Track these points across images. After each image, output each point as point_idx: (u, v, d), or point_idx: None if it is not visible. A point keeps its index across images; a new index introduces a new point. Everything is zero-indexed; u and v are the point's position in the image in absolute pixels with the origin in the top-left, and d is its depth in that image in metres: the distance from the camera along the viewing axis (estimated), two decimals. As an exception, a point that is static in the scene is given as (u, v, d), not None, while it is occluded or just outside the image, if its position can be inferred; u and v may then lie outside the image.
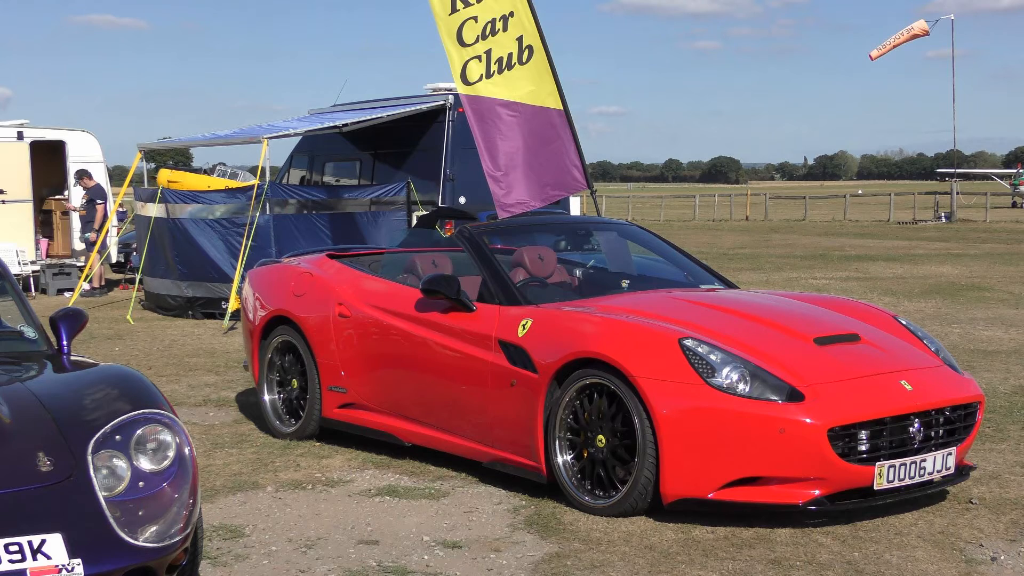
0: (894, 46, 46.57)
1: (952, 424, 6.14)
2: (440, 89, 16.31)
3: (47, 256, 19.97)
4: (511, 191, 10.86)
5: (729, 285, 7.78)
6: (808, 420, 5.67)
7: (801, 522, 5.84)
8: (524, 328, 6.55)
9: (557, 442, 6.27)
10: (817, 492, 5.72)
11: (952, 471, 6.12)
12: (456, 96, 15.65)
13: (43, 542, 3.93)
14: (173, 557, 4.20)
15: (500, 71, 10.71)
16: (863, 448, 5.78)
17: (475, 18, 10.70)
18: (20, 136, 19.71)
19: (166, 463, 4.40)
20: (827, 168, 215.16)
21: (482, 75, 10.74)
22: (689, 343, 5.95)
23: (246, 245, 14.10)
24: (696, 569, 5.27)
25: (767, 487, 5.75)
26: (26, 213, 19.65)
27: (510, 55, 10.74)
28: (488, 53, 10.71)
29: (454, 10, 10.74)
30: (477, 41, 10.75)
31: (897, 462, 5.83)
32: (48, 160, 20.10)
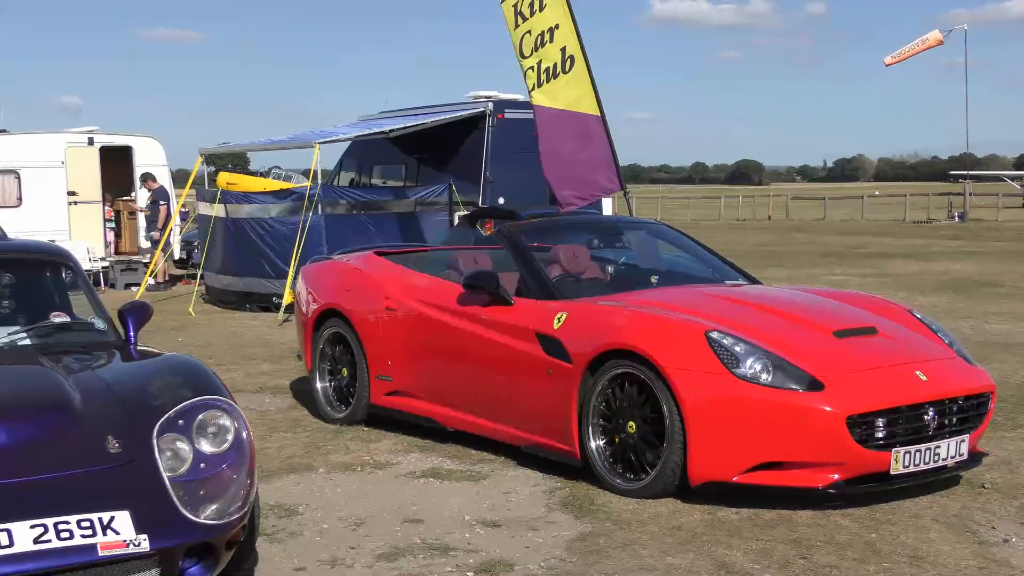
0: (909, 56, 46.03)
1: (965, 413, 6.08)
2: (481, 96, 16.31)
3: (115, 253, 20.14)
4: (564, 192, 10.94)
5: (752, 281, 7.74)
6: (828, 408, 5.63)
7: (821, 504, 5.80)
8: (559, 321, 6.54)
9: (590, 428, 6.26)
10: (836, 476, 5.68)
11: (965, 457, 6.06)
12: (495, 103, 15.68)
13: (112, 519, 3.95)
14: (232, 533, 4.22)
15: (548, 80, 10.80)
16: (880, 435, 5.74)
17: (530, 31, 10.80)
18: (91, 142, 19.87)
19: (225, 446, 4.42)
20: (845, 170, 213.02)
21: (534, 85, 10.82)
22: (715, 335, 5.93)
23: (299, 243, 14.15)
24: (721, 548, 5.24)
25: (789, 471, 5.72)
26: (96, 213, 19.83)
27: (555, 65, 10.81)
28: (539, 64, 10.81)
29: (517, 25, 10.88)
30: (532, 53, 10.85)
31: (912, 448, 5.79)
32: (116, 164, 20.25)
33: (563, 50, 10.84)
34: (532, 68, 10.83)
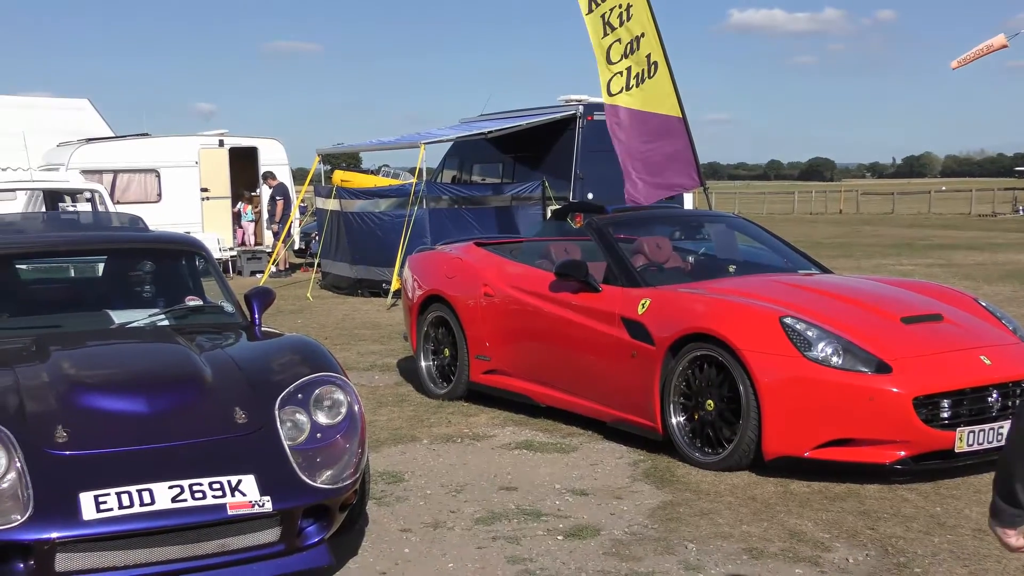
0: (974, 59, 44.59)
1: (1028, 395, 5.90)
2: (571, 100, 16.24)
3: (241, 243, 20.51)
4: (643, 186, 10.86)
5: (824, 270, 7.60)
6: (895, 390, 5.52)
7: (888, 479, 5.68)
8: (643, 307, 6.50)
9: (671, 405, 6.22)
10: (903, 453, 5.57)
11: (1028, 437, 5.88)
12: (585, 106, 15.60)
13: (239, 481, 4.03)
14: (345, 497, 4.27)
15: (637, 85, 10.73)
16: (945, 415, 5.61)
17: (619, 40, 10.75)
18: (221, 143, 20.21)
19: (339, 418, 4.48)
20: (914, 167, 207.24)
21: (622, 88, 10.78)
22: (789, 321, 5.84)
23: (406, 235, 14.25)
24: (793, 518, 5.17)
25: (857, 448, 5.62)
26: (225, 208, 20.19)
27: (642, 71, 10.75)
28: (628, 70, 10.77)
29: (605, 34, 10.83)
30: (620, 60, 10.80)
31: (976, 428, 5.64)
32: (243, 163, 20.59)
33: (648, 56, 10.78)
34: (620, 73, 10.79)
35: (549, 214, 15.04)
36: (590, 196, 15.07)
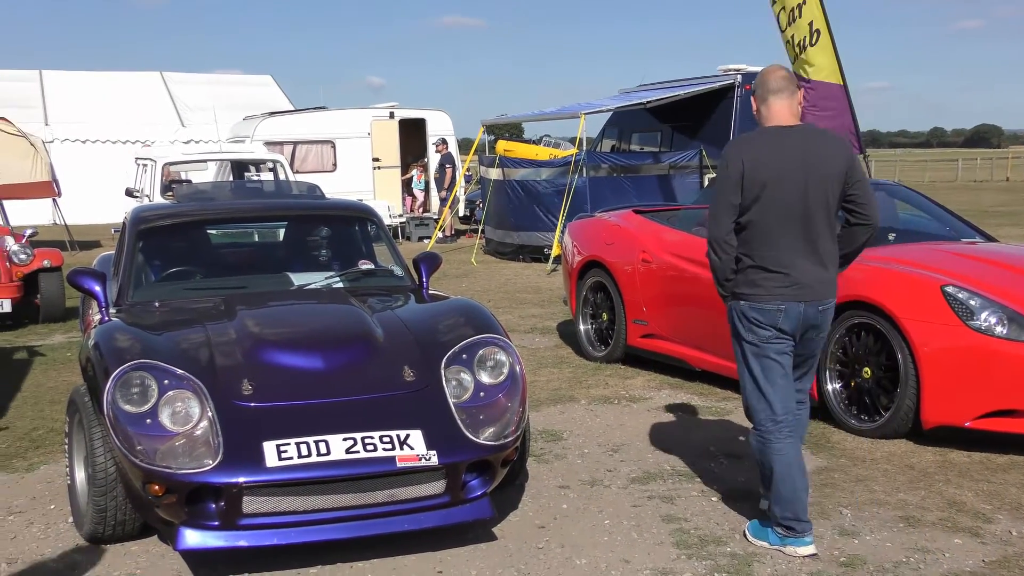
0: None
1: None
2: (730, 70, 15.88)
3: (411, 210, 20.90)
4: None
5: (988, 239, 7.23)
6: (1063, 361, 5.21)
7: (1053, 452, 5.40)
8: (800, 274, 6.31)
9: (828, 372, 6.05)
10: (1070, 426, 5.27)
11: None
12: (743, 75, 15.22)
13: (408, 436, 4.11)
14: (507, 454, 4.31)
15: (800, 52, 10.47)
16: (1117, 388, 5.26)
17: (784, 7, 10.53)
18: (391, 115, 20.58)
19: (501, 378, 4.52)
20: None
21: (795, 56, 10.56)
22: (950, 289, 5.59)
23: (566, 202, 14.26)
24: (952, 488, 4.97)
25: (1022, 419, 5.34)
26: (395, 177, 20.59)
27: (804, 38, 10.45)
28: (792, 38, 10.51)
29: (773, 2, 10.63)
30: (787, 28, 10.59)
31: None
32: (412, 134, 20.93)
33: (810, 24, 10.47)
34: (788, 42, 10.55)
35: (706, 182, 14.80)
36: (748, 164, 14.72)
